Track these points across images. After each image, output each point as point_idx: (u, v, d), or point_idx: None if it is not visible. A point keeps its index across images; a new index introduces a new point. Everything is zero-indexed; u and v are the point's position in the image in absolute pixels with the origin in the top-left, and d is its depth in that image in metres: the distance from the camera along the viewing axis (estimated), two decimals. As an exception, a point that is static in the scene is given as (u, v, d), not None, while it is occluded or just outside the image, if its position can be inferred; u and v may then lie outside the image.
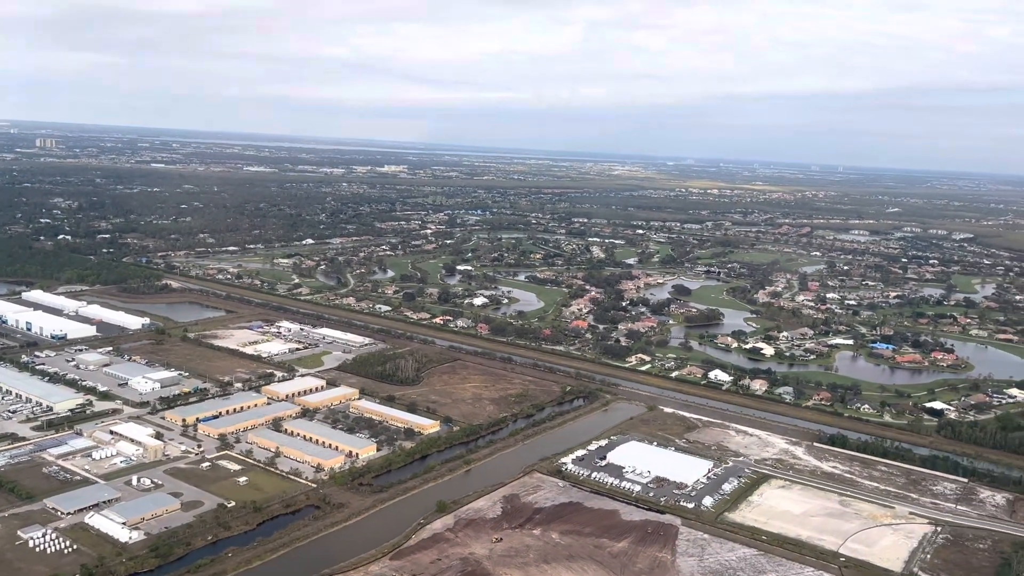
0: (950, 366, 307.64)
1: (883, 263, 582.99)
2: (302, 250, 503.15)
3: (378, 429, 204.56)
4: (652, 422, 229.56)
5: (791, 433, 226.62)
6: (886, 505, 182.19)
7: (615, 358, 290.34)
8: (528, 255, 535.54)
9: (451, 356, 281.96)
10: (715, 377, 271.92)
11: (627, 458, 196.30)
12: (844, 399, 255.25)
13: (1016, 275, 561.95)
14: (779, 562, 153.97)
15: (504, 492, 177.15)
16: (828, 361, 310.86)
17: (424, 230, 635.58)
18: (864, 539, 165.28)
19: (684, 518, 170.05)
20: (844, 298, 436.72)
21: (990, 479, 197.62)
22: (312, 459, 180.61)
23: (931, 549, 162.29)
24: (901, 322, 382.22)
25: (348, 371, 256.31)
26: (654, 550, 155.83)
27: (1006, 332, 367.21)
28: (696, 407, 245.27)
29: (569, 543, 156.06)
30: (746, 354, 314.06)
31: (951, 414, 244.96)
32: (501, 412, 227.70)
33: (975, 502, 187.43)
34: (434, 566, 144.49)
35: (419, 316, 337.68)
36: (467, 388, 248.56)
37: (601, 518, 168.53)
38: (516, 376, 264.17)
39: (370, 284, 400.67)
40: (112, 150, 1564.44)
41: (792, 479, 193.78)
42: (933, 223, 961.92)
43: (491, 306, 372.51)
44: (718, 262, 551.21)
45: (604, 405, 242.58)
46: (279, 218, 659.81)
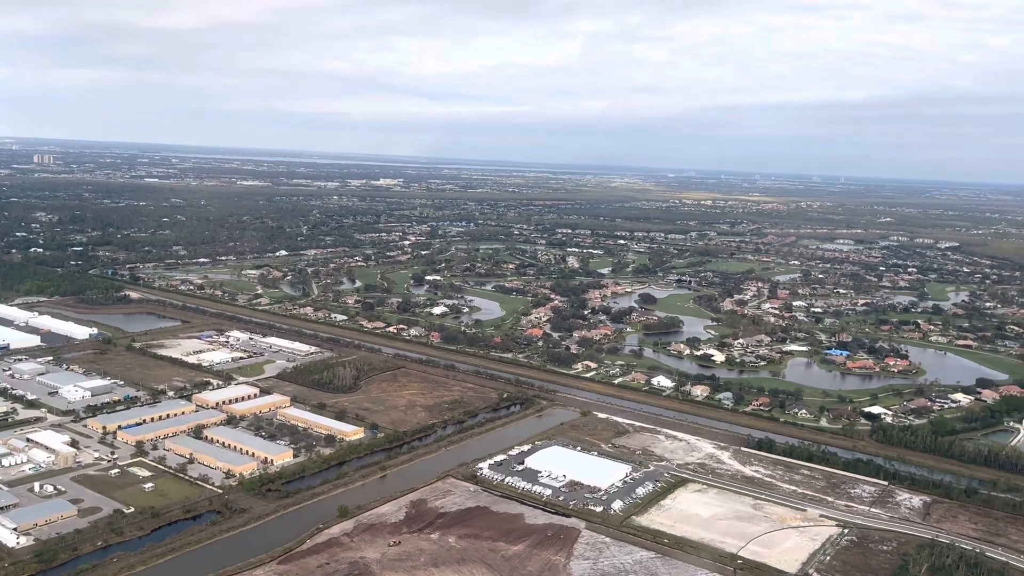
0: (901, 372, 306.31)
1: (860, 271, 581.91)
2: (274, 261, 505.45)
3: (300, 436, 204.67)
4: (583, 427, 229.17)
5: (721, 438, 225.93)
6: (798, 508, 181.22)
7: (561, 365, 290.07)
8: (501, 265, 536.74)
9: (396, 364, 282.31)
10: (657, 383, 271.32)
11: (545, 463, 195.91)
12: (783, 404, 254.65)
13: (992, 283, 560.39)
14: (674, 564, 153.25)
15: (413, 497, 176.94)
16: (779, 367, 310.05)
17: (403, 241, 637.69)
18: (767, 541, 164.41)
19: (589, 521, 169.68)
20: (811, 306, 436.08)
21: (911, 482, 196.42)
22: (223, 465, 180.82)
23: (833, 551, 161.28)
24: (863, 329, 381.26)
25: (287, 379, 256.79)
26: (550, 553, 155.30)
27: (966, 338, 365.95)
28: (632, 413, 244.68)
29: (465, 547, 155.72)
30: (697, 361, 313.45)
31: (888, 419, 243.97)
32: (432, 419, 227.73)
33: (891, 505, 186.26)
34: (321, 570, 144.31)
35: (374, 325, 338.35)
36: (403, 395, 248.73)
37: (504, 522, 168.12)
38: (456, 383, 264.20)
39: (332, 294, 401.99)
40: (110, 165, 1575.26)
41: (710, 483, 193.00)
42: (921, 232, 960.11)
43: (451, 315, 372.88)
44: (692, 271, 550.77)
45: (539, 411, 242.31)
46: (259, 230, 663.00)
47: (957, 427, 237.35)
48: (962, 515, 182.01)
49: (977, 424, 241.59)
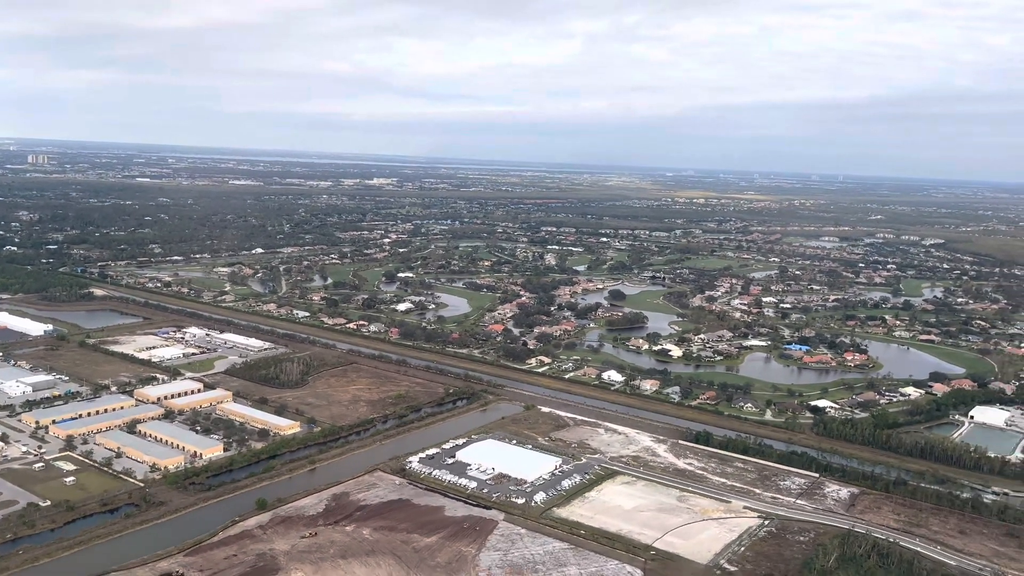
0: (858, 366, 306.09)
1: (837, 268, 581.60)
2: (248, 259, 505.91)
3: (235, 430, 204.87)
4: (523, 421, 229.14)
5: (661, 431, 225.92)
6: (723, 500, 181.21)
7: (516, 360, 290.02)
8: (477, 263, 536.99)
9: (348, 360, 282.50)
10: (608, 378, 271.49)
11: (476, 456, 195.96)
12: (731, 398, 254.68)
13: (969, 279, 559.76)
14: (585, 555, 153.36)
15: (336, 490, 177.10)
16: (736, 362, 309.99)
17: (383, 240, 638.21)
18: (685, 533, 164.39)
19: (509, 513, 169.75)
20: (780, 302, 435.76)
21: (841, 474, 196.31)
22: (150, 459, 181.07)
23: (749, 542, 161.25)
24: (828, 324, 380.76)
25: (235, 375, 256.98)
26: (462, 544, 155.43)
27: (930, 333, 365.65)
28: (576, 407, 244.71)
29: (377, 539, 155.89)
30: (655, 356, 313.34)
31: (833, 412, 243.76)
32: (373, 413, 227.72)
33: (817, 496, 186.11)
34: (226, 561, 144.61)
35: (335, 321, 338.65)
36: (350, 391, 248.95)
37: (424, 514, 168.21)
38: (405, 378, 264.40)
39: (299, 291, 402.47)
40: (105, 165, 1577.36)
41: (639, 476, 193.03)
42: (909, 229, 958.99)
43: (415, 311, 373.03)
44: (669, 268, 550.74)
45: (484, 405, 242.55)
46: (239, 229, 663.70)
47: (900, 420, 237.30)
48: (886, 506, 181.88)
49: (921, 417, 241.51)
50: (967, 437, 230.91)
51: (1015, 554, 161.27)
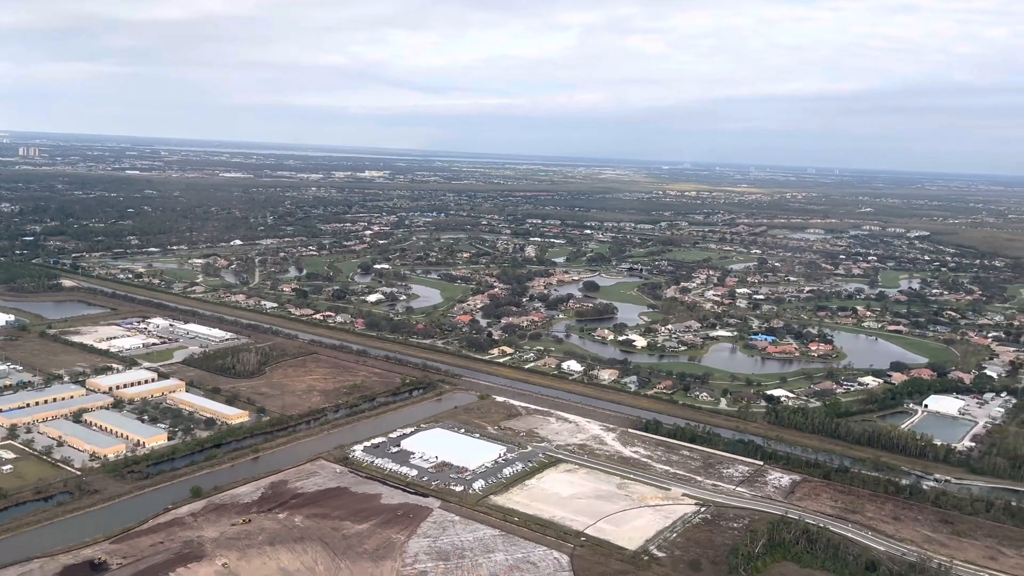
0: (821, 356, 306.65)
1: (817, 260, 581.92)
2: (225, 251, 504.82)
3: (183, 419, 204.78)
4: (476, 410, 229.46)
5: (612, 420, 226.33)
6: (663, 487, 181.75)
7: (478, 351, 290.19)
8: (456, 254, 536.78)
9: (309, 350, 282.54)
10: (567, 367, 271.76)
11: (420, 445, 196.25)
12: (688, 387, 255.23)
13: (949, 270, 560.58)
14: (515, 541, 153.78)
15: (275, 479, 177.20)
16: (700, 352, 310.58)
17: (365, 232, 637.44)
18: (618, 520, 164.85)
19: (445, 501, 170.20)
20: (754, 293, 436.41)
21: (786, 462, 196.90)
22: (90, 448, 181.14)
23: (682, 528, 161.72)
24: (799, 315, 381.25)
25: (192, 365, 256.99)
26: (393, 531, 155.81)
27: (899, 324, 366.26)
28: (532, 396, 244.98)
29: (309, 526, 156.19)
30: (619, 346, 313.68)
31: (789, 401, 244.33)
32: (325, 403, 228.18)
33: (759, 484, 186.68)
34: (151, 548, 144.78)
35: (302, 312, 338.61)
36: (306, 380, 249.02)
37: (360, 502, 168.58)
38: (364, 368, 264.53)
39: (271, 282, 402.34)
40: (96, 158, 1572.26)
41: (583, 463, 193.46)
42: (895, 222, 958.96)
43: (386, 302, 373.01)
44: (648, 260, 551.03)
45: (439, 395, 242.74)
46: (222, 220, 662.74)
47: (853, 409, 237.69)
48: (825, 493, 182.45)
49: (875, 406, 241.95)
50: (919, 426, 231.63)
51: (946, 540, 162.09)
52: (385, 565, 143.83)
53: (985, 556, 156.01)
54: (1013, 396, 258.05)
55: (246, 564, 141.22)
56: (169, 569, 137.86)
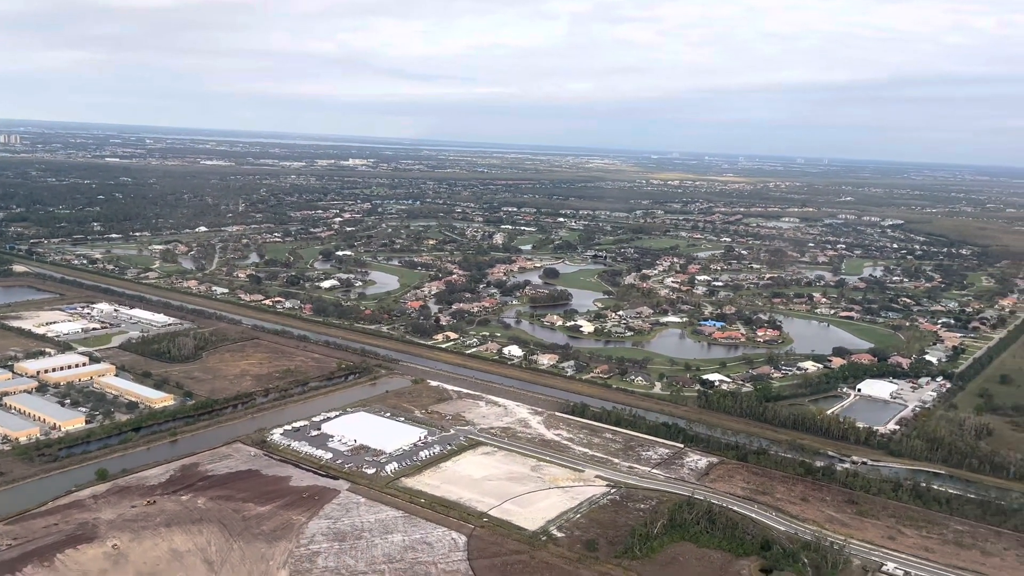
0: (767, 342, 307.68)
1: (785, 247, 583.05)
2: (189, 237, 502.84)
3: (106, 403, 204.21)
4: (407, 395, 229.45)
5: (543, 404, 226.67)
6: (577, 469, 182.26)
7: (423, 336, 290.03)
8: (423, 241, 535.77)
9: (251, 335, 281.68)
10: (508, 353, 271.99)
11: (341, 428, 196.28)
12: (625, 372, 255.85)
13: (915, 258, 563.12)
14: (416, 523, 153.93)
15: (187, 461, 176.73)
16: (647, 337, 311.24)
17: (335, 219, 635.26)
18: (525, 501, 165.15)
19: (355, 483, 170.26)
20: (714, 280, 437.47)
21: (706, 444, 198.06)
22: (2, 431, 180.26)
23: (588, 509, 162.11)
24: (754, 302, 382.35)
25: (129, 349, 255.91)
26: (295, 513, 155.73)
27: (852, 310, 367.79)
28: (467, 381, 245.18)
29: (210, 508, 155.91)
30: (567, 332, 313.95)
31: (725, 385, 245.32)
32: (256, 387, 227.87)
33: (675, 466, 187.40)
34: (44, 530, 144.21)
35: (252, 298, 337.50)
36: (241, 365, 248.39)
37: (268, 484, 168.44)
38: (302, 354, 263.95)
39: (227, 268, 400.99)
40: (78, 146, 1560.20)
41: (502, 446, 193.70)
42: (873, 210, 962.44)
43: (340, 288, 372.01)
44: (615, 248, 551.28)
45: (373, 380, 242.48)
46: (191, 207, 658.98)
47: (785, 393, 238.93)
48: (740, 475, 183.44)
49: (808, 390, 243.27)
50: (849, 409, 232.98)
51: (848, 520, 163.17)
52: (279, 546, 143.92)
53: (884, 535, 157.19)
54: (948, 380, 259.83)
55: (137, 545, 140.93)
56: (57, 550, 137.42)
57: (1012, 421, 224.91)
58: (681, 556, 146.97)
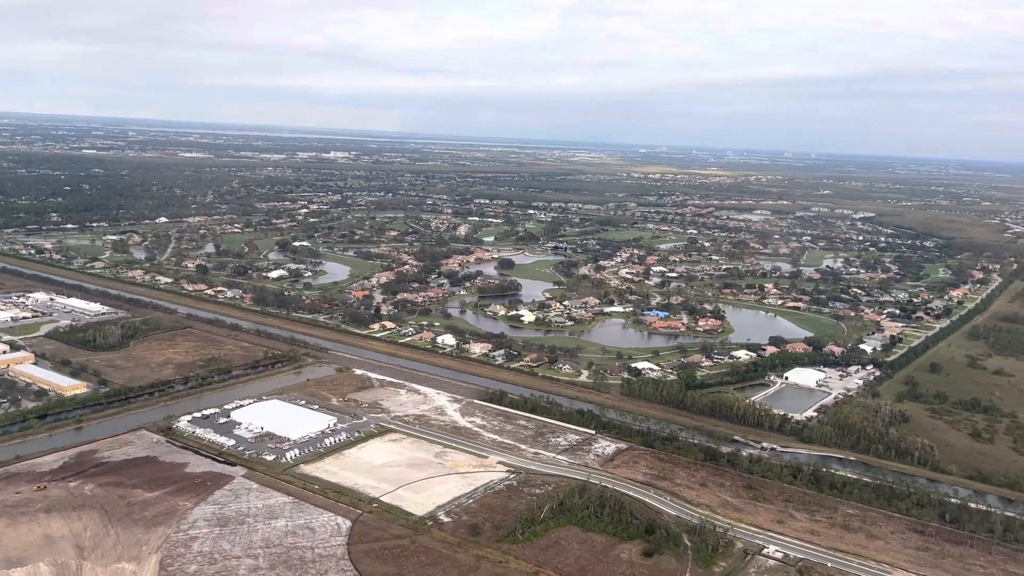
0: (707, 331, 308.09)
1: (749, 239, 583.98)
2: (148, 228, 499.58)
3: (16, 391, 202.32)
4: (328, 383, 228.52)
5: (464, 391, 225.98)
6: (481, 455, 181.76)
7: (359, 326, 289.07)
8: (384, 232, 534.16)
9: (185, 324, 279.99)
10: (442, 342, 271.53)
11: (250, 416, 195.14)
12: (554, 360, 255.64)
13: (878, 250, 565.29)
14: (304, 508, 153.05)
15: (85, 448, 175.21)
16: (588, 327, 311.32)
17: (301, 210, 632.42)
18: (421, 486, 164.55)
19: (251, 470, 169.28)
20: (670, 271, 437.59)
21: (617, 431, 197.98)
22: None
23: (482, 494, 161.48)
24: (704, 292, 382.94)
25: (55, 338, 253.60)
26: (182, 499, 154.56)
27: (800, 301, 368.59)
28: (394, 369, 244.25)
29: (97, 494, 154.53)
30: (508, 321, 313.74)
31: (654, 373, 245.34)
32: (177, 375, 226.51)
33: (582, 452, 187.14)
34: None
35: (195, 288, 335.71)
36: (166, 353, 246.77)
37: (162, 470, 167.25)
38: (232, 342, 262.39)
39: (176, 258, 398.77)
40: (59, 138, 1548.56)
41: (412, 433, 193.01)
42: (847, 203, 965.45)
43: (288, 279, 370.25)
44: (579, 239, 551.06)
45: (298, 368, 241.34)
46: (157, 198, 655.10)
47: (709, 381, 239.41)
48: (645, 460, 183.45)
49: (734, 378, 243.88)
50: (773, 397, 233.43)
51: (742, 504, 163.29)
52: (157, 531, 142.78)
53: (773, 519, 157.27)
54: (878, 368, 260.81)
55: (12, 531, 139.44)
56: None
57: (931, 408, 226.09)
58: (564, 540, 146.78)
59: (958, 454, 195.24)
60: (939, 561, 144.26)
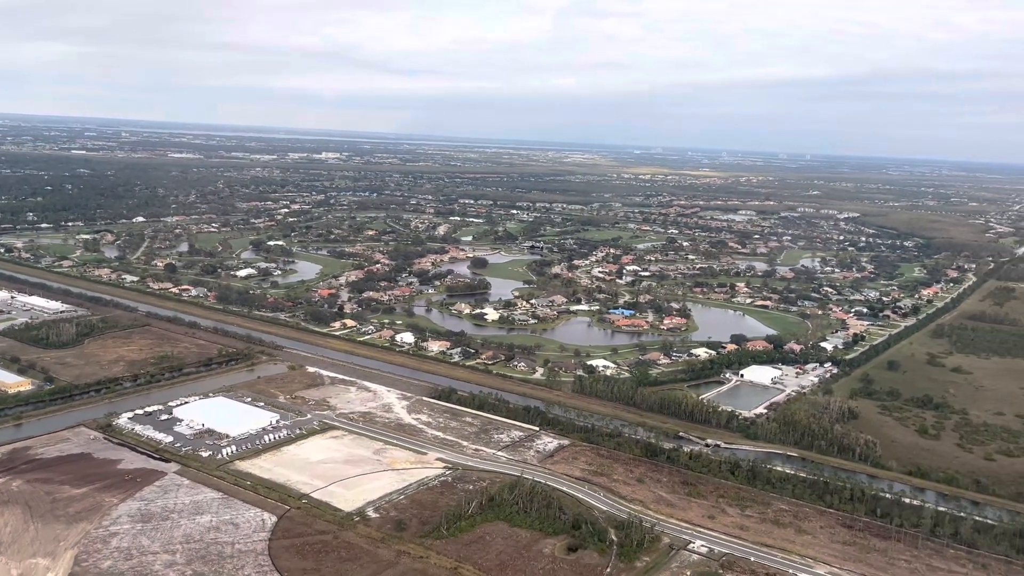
0: (671, 329, 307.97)
1: (728, 239, 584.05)
2: (125, 227, 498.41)
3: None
4: (279, 380, 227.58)
5: (415, 389, 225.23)
6: (420, 452, 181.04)
7: (320, 324, 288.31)
8: (362, 232, 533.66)
9: (143, 322, 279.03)
10: (400, 340, 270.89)
11: (193, 413, 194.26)
12: (511, 358, 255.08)
13: (857, 249, 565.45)
14: (232, 504, 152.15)
15: (19, 445, 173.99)
16: (551, 325, 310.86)
17: (281, 210, 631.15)
18: (354, 483, 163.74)
19: (184, 466, 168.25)
20: (644, 269, 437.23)
21: (561, 427, 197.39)
22: None
23: (415, 490, 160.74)
24: (675, 291, 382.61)
25: (9, 335, 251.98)
26: (109, 495, 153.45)
27: (770, 299, 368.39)
28: (348, 367, 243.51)
29: (23, 490, 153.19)
30: (472, 320, 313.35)
31: (608, 371, 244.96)
32: (127, 372, 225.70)
33: (523, 448, 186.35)
34: None
35: (160, 286, 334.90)
36: (119, 351, 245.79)
37: (94, 467, 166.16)
38: (188, 340, 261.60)
39: (145, 257, 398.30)
40: (50, 139, 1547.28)
41: (354, 430, 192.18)
42: (834, 204, 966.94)
43: (257, 277, 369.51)
44: (558, 239, 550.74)
45: (251, 366, 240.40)
46: (138, 198, 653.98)
47: (663, 379, 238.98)
48: (585, 457, 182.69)
49: (688, 376, 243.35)
50: (726, 394, 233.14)
51: (676, 500, 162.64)
52: (78, 527, 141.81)
53: (705, 515, 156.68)
54: (836, 366, 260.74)
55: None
56: None
57: (883, 405, 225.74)
58: (489, 535, 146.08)
59: (902, 450, 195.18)
60: (863, 555, 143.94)
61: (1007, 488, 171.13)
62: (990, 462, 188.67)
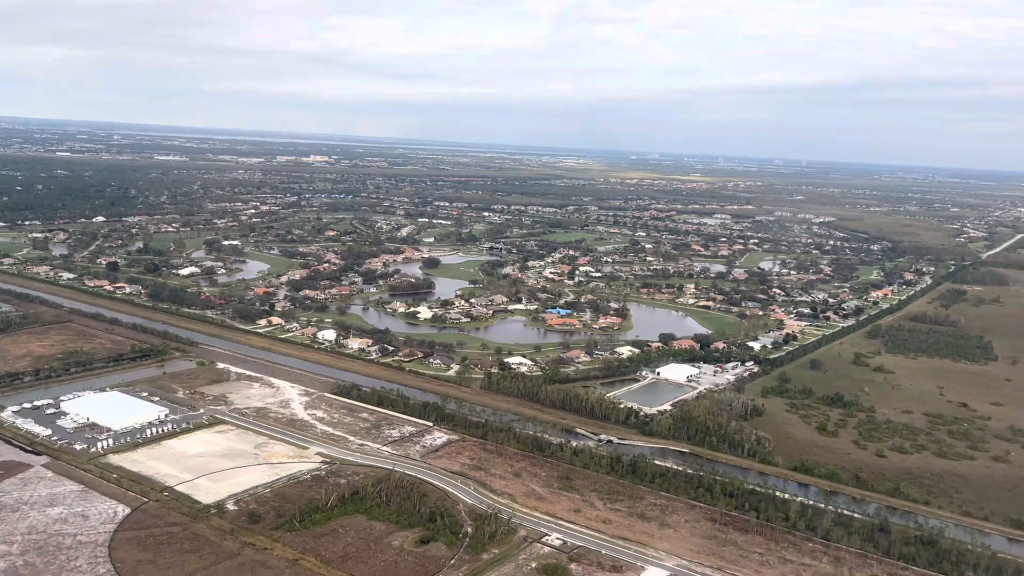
0: (603, 328, 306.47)
1: (692, 242, 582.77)
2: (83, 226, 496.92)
3: None
4: (184, 376, 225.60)
5: (318, 385, 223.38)
6: (301, 446, 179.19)
7: (246, 321, 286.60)
8: (323, 232, 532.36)
9: (66, 318, 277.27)
10: (322, 337, 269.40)
11: (81, 407, 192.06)
12: (429, 355, 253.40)
13: (822, 252, 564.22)
14: (90, 497, 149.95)
15: None
16: (484, 324, 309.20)
17: (247, 211, 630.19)
18: (223, 476, 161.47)
19: (54, 459, 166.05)
20: (596, 270, 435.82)
21: (454, 423, 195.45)
22: None
23: (284, 484, 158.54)
24: (621, 291, 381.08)
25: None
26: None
27: (714, 300, 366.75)
28: (260, 363, 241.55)
29: None
30: (405, 318, 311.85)
31: (524, 368, 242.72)
32: (30, 367, 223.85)
33: (409, 443, 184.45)
34: None
35: (95, 284, 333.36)
36: (31, 346, 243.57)
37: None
38: (105, 336, 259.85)
39: (88, 255, 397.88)
40: (38, 141, 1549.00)
41: (241, 424, 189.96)
42: (812, 208, 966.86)
43: (200, 275, 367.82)
44: (521, 240, 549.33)
45: (162, 361, 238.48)
46: (105, 199, 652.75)
47: (575, 376, 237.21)
48: (469, 451, 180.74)
49: (603, 374, 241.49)
50: (636, 391, 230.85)
51: (547, 494, 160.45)
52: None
53: (571, 508, 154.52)
54: (758, 365, 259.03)
55: None
56: None
57: (792, 403, 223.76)
58: (343, 528, 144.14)
59: (796, 447, 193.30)
60: (720, 548, 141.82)
61: (887, 484, 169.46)
62: (880, 458, 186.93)
